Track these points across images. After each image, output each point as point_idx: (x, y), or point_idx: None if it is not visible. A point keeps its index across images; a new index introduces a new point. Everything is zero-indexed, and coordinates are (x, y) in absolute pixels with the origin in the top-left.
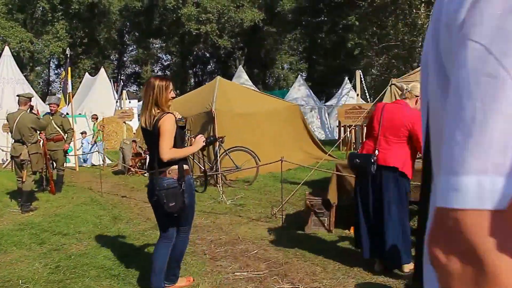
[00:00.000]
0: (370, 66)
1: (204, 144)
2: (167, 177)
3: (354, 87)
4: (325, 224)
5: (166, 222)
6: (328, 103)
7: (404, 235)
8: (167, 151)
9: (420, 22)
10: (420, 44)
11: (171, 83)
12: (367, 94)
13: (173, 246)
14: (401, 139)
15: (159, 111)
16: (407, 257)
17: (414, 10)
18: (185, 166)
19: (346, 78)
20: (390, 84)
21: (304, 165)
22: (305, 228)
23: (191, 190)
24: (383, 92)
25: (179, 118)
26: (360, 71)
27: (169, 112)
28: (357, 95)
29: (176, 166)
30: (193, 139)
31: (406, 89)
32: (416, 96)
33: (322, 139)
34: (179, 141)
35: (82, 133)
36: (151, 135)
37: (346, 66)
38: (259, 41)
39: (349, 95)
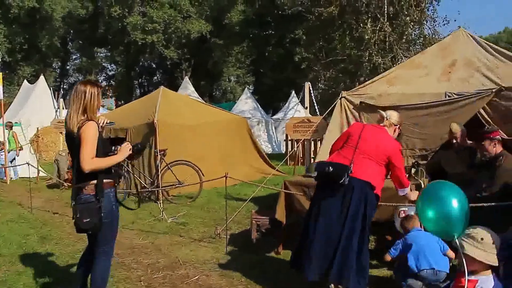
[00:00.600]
0: (317, 80)
1: (131, 152)
2: (84, 192)
3: (302, 101)
4: (273, 245)
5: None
6: (275, 117)
7: (362, 258)
8: (88, 160)
9: (367, 37)
10: (366, 58)
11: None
12: (316, 107)
13: (92, 271)
14: (377, 160)
15: (83, 118)
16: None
17: (361, 25)
18: (107, 180)
19: (293, 91)
20: (340, 97)
21: (250, 182)
22: (251, 250)
23: (111, 206)
24: (333, 105)
25: (108, 122)
26: (309, 83)
27: (92, 120)
28: (306, 108)
29: (94, 181)
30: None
31: (385, 117)
32: (394, 125)
33: (269, 152)
34: (102, 150)
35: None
36: (74, 143)
37: (293, 79)
38: (206, 52)
39: (296, 109)
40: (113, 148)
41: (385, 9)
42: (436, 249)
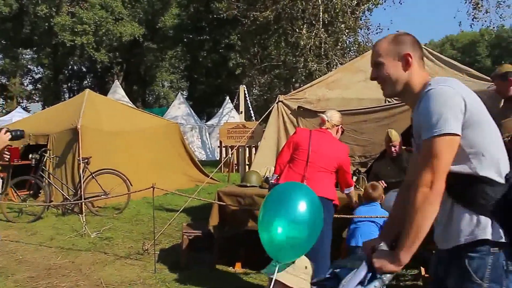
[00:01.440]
0: (252, 85)
1: (10, 138)
2: None
3: (236, 106)
4: (207, 261)
5: None
6: (209, 123)
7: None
8: None
9: (302, 43)
10: (302, 64)
11: None
12: (251, 112)
13: None
14: (329, 170)
15: None
16: None
17: (297, 31)
18: None
19: (227, 97)
20: (277, 101)
21: (179, 192)
22: (182, 267)
23: None
24: (269, 110)
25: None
26: (244, 86)
27: None
28: (241, 112)
29: None
30: None
31: (327, 119)
32: (336, 126)
33: (203, 159)
34: None
35: None
36: None
37: (228, 85)
38: (139, 57)
39: (230, 115)
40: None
41: (320, 16)
42: (371, 231)
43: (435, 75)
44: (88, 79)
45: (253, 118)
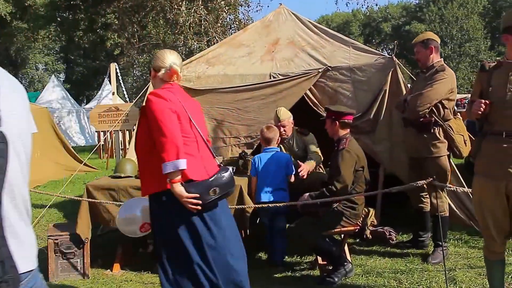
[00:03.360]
0: (132, 66)
1: None
2: None
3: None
4: (78, 268)
5: None
6: (87, 106)
7: None
8: None
9: (181, 20)
10: (182, 42)
11: None
12: (125, 92)
13: None
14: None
15: None
16: None
17: (176, 7)
18: None
19: (106, 79)
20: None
21: (40, 191)
22: (49, 276)
23: None
24: (144, 90)
25: None
26: (115, 63)
27: None
28: (113, 93)
29: None
30: None
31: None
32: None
33: (83, 145)
34: None
35: None
36: None
37: (107, 66)
38: (7, 37)
39: (109, 97)
40: None
41: None
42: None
43: (321, 49)
44: None
45: (127, 99)
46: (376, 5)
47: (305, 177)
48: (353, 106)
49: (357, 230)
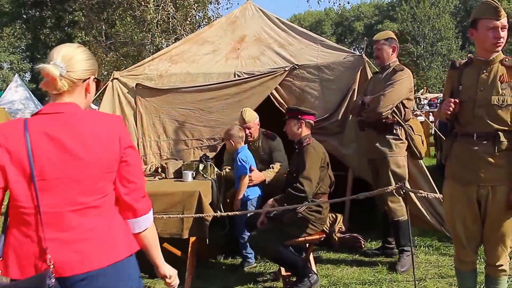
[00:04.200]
0: (99, 65)
1: None
2: None
3: None
4: None
5: None
6: None
7: None
8: None
9: (149, 17)
10: (150, 40)
11: None
12: None
13: None
14: (97, 193)
15: None
16: None
17: (143, 3)
18: None
19: None
20: (112, 78)
21: None
22: None
23: None
24: (102, 89)
25: None
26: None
27: None
28: None
29: None
30: None
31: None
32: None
33: None
34: None
35: None
36: None
37: None
38: None
39: None
40: None
41: None
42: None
43: (289, 47)
44: None
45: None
46: (348, 3)
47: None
48: (320, 106)
49: (323, 238)
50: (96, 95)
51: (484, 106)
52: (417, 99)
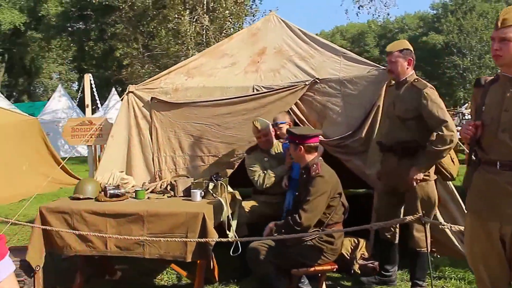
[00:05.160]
0: (139, 77)
1: None
2: None
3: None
4: None
5: None
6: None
7: None
8: None
9: (183, 29)
10: (184, 52)
11: None
12: (99, 104)
13: None
14: None
15: None
16: None
17: (176, 16)
18: None
19: (113, 89)
20: (127, 92)
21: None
22: None
23: None
24: (116, 102)
25: None
26: (90, 74)
27: None
28: (87, 106)
29: None
30: None
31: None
32: None
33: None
34: None
35: None
36: None
37: (118, 76)
38: (22, 47)
39: (116, 107)
40: None
41: (204, 2)
42: None
43: (310, 59)
44: None
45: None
46: (388, 14)
47: None
48: (343, 123)
49: (335, 269)
50: (109, 108)
51: (509, 129)
52: (460, 114)
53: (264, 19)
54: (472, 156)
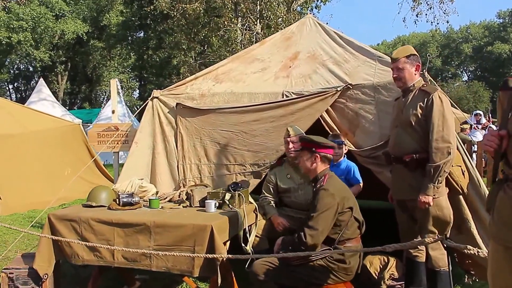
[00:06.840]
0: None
1: None
2: None
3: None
4: None
5: None
6: None
7: None
8: None
9: (232, 36)
10: None
11: None
12: (126, 110)
13: None
14: None
15: None
16: None
17: (226, 23)
18: None
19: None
20: (152, 97)
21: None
22: None
23: None
24: (141, 108)
25: None
26: (116, 79)
27: None
28: (113, 111)
29: None
30: None
31: None
32: None
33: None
34: None
35: None
36: None
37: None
38: (84, 55)
39: None
40: None
41: (258, 8)
42: None
43: (344, 64)
44: (35, 79)
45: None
46: (447, 22)
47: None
48: (375, 132)
49: None
50: (137, 112)
51: None
52: None
53: (299, 22)
54: (498, 172)
